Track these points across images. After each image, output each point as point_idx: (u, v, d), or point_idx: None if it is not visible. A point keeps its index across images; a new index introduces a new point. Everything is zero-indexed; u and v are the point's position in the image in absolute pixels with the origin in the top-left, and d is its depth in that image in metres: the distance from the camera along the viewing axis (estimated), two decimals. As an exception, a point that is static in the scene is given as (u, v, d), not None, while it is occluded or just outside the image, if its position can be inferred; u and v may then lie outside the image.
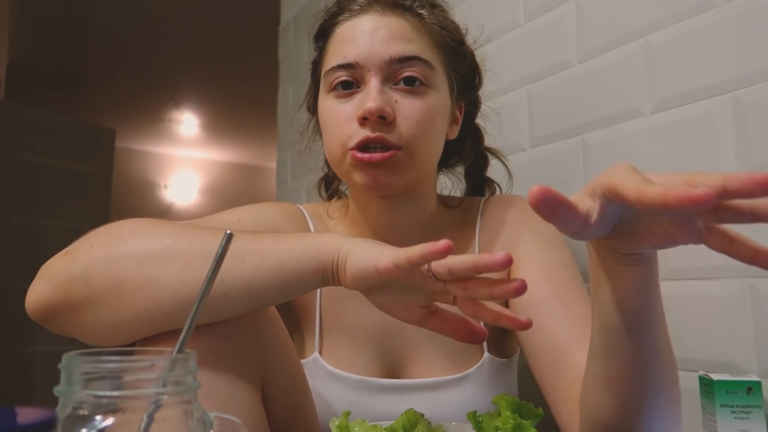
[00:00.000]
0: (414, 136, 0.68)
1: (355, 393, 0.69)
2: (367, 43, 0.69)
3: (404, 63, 0.68)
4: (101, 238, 0.53)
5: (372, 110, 0.65)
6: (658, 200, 0.35)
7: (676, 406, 0.53)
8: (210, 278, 0.38)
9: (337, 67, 0.70)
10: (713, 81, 0.75)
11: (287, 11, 2.02)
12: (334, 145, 0.70)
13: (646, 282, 0.46)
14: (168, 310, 0.50)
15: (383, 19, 0.70)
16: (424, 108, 0.69)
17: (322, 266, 0.53)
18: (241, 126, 4.74)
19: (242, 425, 0.37)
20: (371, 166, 0.67)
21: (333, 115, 0.70)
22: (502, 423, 0.53)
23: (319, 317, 0.74)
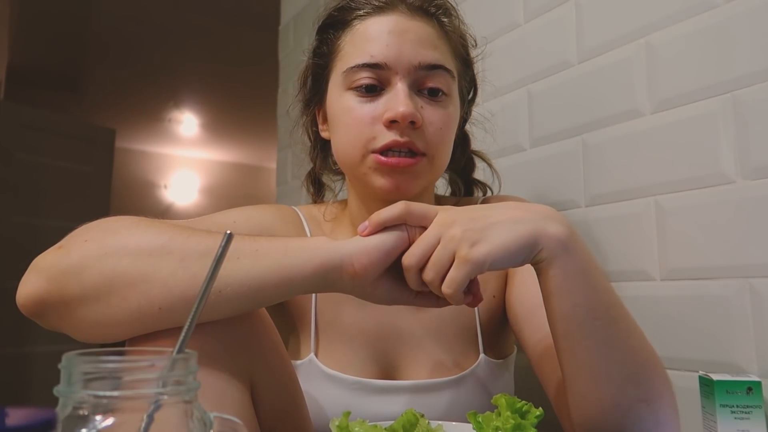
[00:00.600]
0: (437, 144, 0.69)
1: (351, 394, 0.69)
2: (397, 45, 0.67)
3: (430, 71, 0.68)
4: (96, 232, 0.52)
5: (406, 114, 0.65)
6: None
7: (651, 405, 0.54)
8: (210, 278, 0.38)
9: (363, 66, 0.68)
10: (713, 81, 0.75)
11: (287, 11, 2.02)
12: (354, 146, 0.69)
13: (557, 287, 0.53)
14: (160, 306, 0.50)
15: (412, 23, 0.69)
16: (446, 117, 0.70)
17: (321, 264, 0.53)
18: (241, 126, 4.74)
19: (242, 425, 0.37)
20: (395, 171, 0.67)
21: (354, 113, 0.68)
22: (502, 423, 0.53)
23: (314, 319, 0.73)
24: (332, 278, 0.53)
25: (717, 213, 0.73)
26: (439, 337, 0.73)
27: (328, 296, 0.74)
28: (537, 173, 1.00)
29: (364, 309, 0.73)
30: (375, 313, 0.73)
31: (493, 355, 0.74)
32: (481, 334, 0.74)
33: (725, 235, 0.72)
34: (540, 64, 1.00)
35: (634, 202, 0.83)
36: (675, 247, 0.78)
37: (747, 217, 0.70)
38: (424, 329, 0.73)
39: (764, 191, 0.69)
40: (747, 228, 0.70)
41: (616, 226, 0.85)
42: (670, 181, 0.79)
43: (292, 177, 1.86)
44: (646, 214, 0.81)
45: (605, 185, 0.88)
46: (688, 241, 0.76)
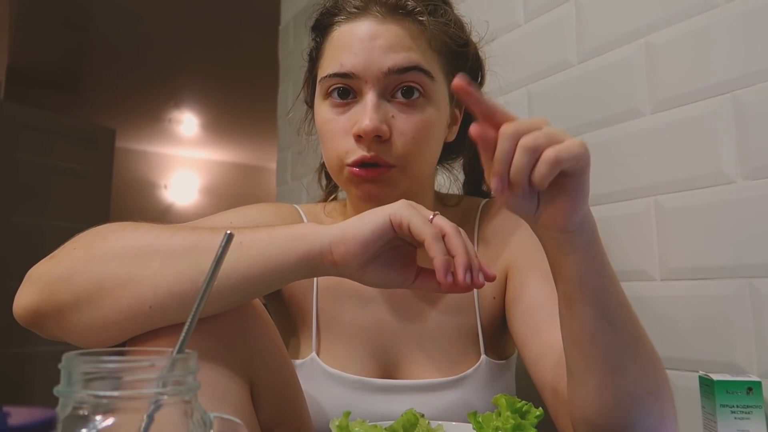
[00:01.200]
0: (409, 153, 0.68)
1: (352, 393, 0.69)
2: (365, 52, 0.67)
3: (403, 74, 0.67)
4: (84, 240, 0.54)
5: (367, 130, 0.65)
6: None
7: (658, 399, 0.54)
8: (210, 278, 0.38)
9: (333, 75, 0.68)
10: (713, 81, 0.75)
11: (287, 11, 2.02)
12: (332, 158, 0.70)
13: (584, 270, 0.52)
14: (150, 305, 0.50)
15: (382, 27, 0.68)
16: (420, 123, 0.68)
17: (306, 252, 0.53)
18: (241, 126, 4.74)
19: (242, 425, 0.37)
20: (366, 180, 0.68)
21: (329, 125, 0.70)
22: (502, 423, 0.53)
23: (315, 318, 0.74)
24: (316, 265, 0.54)
25: (717, 213, 0.73)
26: (441, 337, 0.73)
27: (329, 295, 0.74)
28: (537, 173, 1.00)
29: (365, 308, 0.73)
30: (376, 312, 0.73)
31: (494, 356, 0.74)
32: (482, 335, 0.74)
33: (725, 235, 0.72)
34: (540, 64, 1.00)
35: (634, 202, 0.83)
36: (675, 247, 0.78)
37: (747, 217, 0.70)
38: (425, 329, 0.73)
39: (764, 191, 0.69)
40: (747, 228, 0.70)
41: (616, 226, 0.85)
42: (670, 181, 0.79)
43: (292, 177, 1.86)
44: (646, 214, 0.81)
45: (605, 185, 0.88)
46: (688, 241, 0.76)
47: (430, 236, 0.51)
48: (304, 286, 0.75)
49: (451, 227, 0.53)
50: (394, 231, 0.53)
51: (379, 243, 0.53)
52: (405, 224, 0.52)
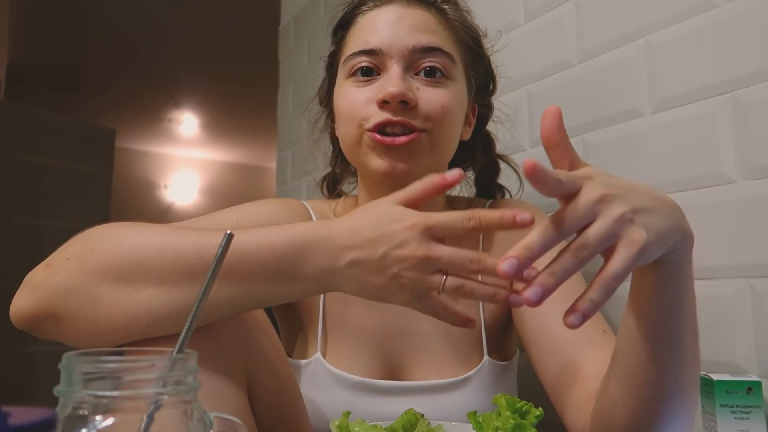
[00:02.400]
0: (438, 120, 0.68)
1: (356, 394, 0.69)
2: (391, 31, 0.69)
3: (427, 53, 0.69)
4: (77, 249, 0.52)
5: (394, 94, 0.65)
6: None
7: (691, 415, 0.54)
8: (210, 278, 0.38)
9: (359, 52, 0.70)
10: (713, 81, 0.75)
11: (287, 11, 2.02)
12: (350, 127, 0.69)
13: (662, 290, 0.48)
14: (147, 324, 0.50)
15: (408, 11, 0.71)
16: (446, 95, 0.69)
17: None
18: (241, 126, 4.74)
19: (242, 425, 0.37)
20: (392, 150, 0.66)
21: (350, 97, 0.70)
22: (502, 423, 0.53)
23: (322, 318, 0.74)
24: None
25: (717, 213, 0.73)
26: (445, 338, 0.73)
27: (335, 296, 0.74)
28: (537, 173, 1.00)
29: (371, 309, 0.73)
30: (382, 314, 0.73)
31: (496, 357, 0.74)
32: (485, 336, 0.74)
33: (725, 235, 0.72)
34: (540, 64, 1.00)
35: (634, 202, 0.83)
36: (675, 247, 0.78)
37: (747, 217, 0.70)
38: (429, 331, 0.73)
39: (764, 191, 0.69)
40: (747, 228, 0.70)
41: (616, 226, 0.85)
42: (670, 181, 0.79)
43: (292, 177, 1.86)
44: (646, 214, 0.81)
45: (605, 185, 0.87)
46: (688, 241, 0.76)
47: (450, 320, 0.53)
48: None
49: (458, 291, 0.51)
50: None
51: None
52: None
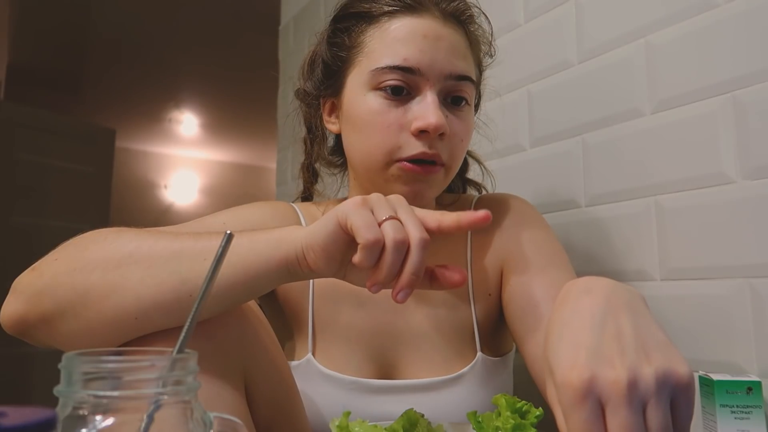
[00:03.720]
0: (457, 156, 0.70)
1: (349, 394, 0.69)
2: (432, 51, 0.66)
3: (459, 81, 0.68)
4: (65, 251, 0.53)
5: (438, 126, 0.64)
6: None
7: None
8: (210, 278, 0.38)
9: (395, 68, 0.66)
10: (713, 81, 0.75)
11: (287, 11, 2.02)
12: (377, 152, 0.67)
13: None
14: (135, 316, 0.50)
15: (445, 30, 0.68)
16: (467, 128, 0.71)
17: (284, 257, 0.52)
18: (241, 126, 4.74)
19: (242, 425, 0.37)
20: (417, 179, 0.67)
21: (380, 117, 0.66)
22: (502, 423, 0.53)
23: (311, 319, 0.73)
24: (295, 270, 0.53)
25: (717, 213, 0.73)
26: (437, 336, 0.73)
27: (325, 296, 0.74)
28: (537, 173, 1.00)
29: (361, 309, 0.73)
30: (373, 313, 0.73)
31: (490, 353, 0.74)
32: (477, 332, 0.74)
33: (725, 235, 0.72)
34: (540, 64, 1.00)
35: (634, 202, 0.83)
36: (675, 247, 0.78)
37: (747, 217, 0.70)
38: (421, 328, 0.73)
39: (764, 191, 0.69)
40: (747, 228, 0.70)
41: (616, 226, 0.85)
42: (670, 181, 0.79)
43: (292, 177, 1.86)
44: (646, 214, 0.81)
45: (605, 185, 0.88)
46: (688, 241, 0.76)
47: (364, 242, 0.47)
48: (300, 288, 0.74)
49: (393, 239, 0.47)
50: (346, 233, 0.49)
51: (338, 246, 0.50)
52: (349, 225, 0.48)
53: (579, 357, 0.37)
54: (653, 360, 0.37)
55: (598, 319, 0.40)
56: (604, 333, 0.39)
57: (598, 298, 0.42)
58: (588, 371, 0.36)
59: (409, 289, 0.48)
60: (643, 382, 0.36)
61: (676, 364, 0.37)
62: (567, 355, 0.38)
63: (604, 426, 0.35)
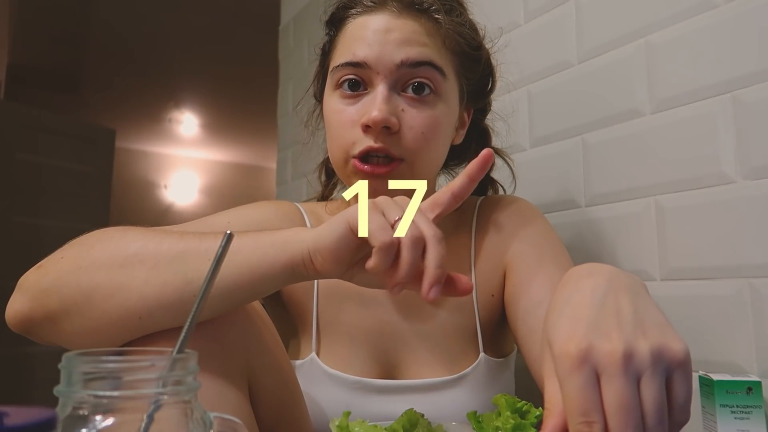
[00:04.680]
0: (418, 148, 0.67)
1: (352, 394, 0.69)
2: (378, 44, 0.67)
3: (415, 68, 0.67)
4: (71, 249, 0.53)
5: (377, 120, 0.64)
6: None
7: None
8: (210, 278, 0.38)
9: (345, 64, 0.68)
10: (713, 81, 0.75)
11: (287, 11, 2.02)
12: (337, 150, 0.69)
13: None
14: (140, 315, 0.50)
15: (397, 21, 0.68)
16: (430, 119, 0.68)
17: (290, 259, 0.52)
18: (241, 126, 4.74)
19: (242, 425, 0.37)
20: (372, 176, 0.67)
21: (337, 116, 0.69)
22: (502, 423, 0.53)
23: (316, 318, 0.73)
24: (300, 272, 0.53)
25: (717, 213, 0.73)
26: (440, 336, 0.73)
27: (329, 296, 0.74)
28: (537, 173, 1.00)
29: (365, 308, 0.73)
30: (376, 313, 0.73)
31: (493, 354, 0.74)
32: (480, 333, 0.74)
33: (725, 235, 0.72)
34: (540, 64, 1.00)
35: (634, 202, 0.83)
36: (675, 247, 0.78)
37: (747, 217, 0.70)
38: (425, 329, 0.73)
39: (764, 191, 0.69)
40: (747, 228, 0.70)
41: (616, 226, 0.85)
42: (670, 181, 0.79)
43: (292, 177, 1.86)
44: (646, 214, 0.81)
45: (605, 185, 0.88)
46: (688, 241, 0.76)
47: (380, 245, 0.47)
48: (305, 288, 0.74)
49: (410, 237, 0.47)
50: (357, 236, 0.49)
51: (348, 249, 0.50)
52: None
53: (577, 329, 0.38)
54: (649, 336, 0.38)
55: (598, 297, 0.41)
56: (604, 309, 0.40)
57: (600, 279, 0.43)
58: (585, 341, 0.37)
59: (439, 285, 0.47)
60: (639, 355, 0.36)
61: (671, 341, 0.38)
62: (565, 328, 0.39)
63: (599, 394, 0.36)
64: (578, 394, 0.35)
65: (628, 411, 0.35)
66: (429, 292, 0.47)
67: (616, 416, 0.35)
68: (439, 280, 0.47)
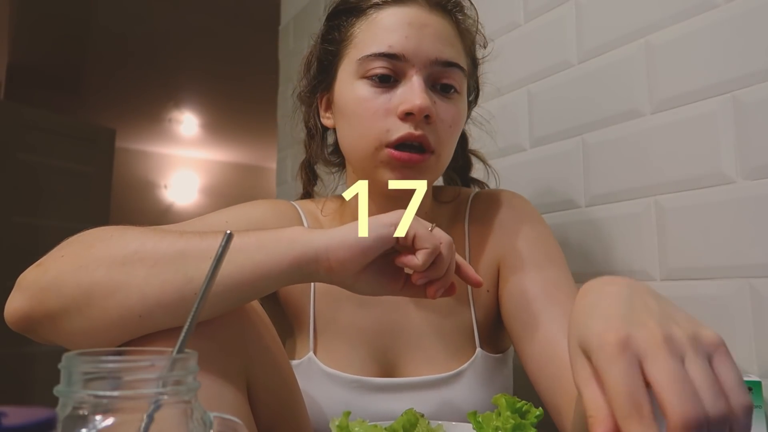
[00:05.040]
0: (446, 142, 0.69)
1: (351, 393, 0.69)
2: (416, 37, 0.67)
3: (446, 68, 0.68)
4: (71, 247, 0.53)
5: (422, 107, 0.65)
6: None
7: None
8: (210, 278, 0.38)
9: (380, 55, 0.67)
10: (713, 81, 0.75)
11: (287, 11, 2.02)
12: (367, 137, 0.67)
13: None
14: (139, 314, 0.50)
15: (431, 17, 0.69)
16: (457, 114, 0.70)
17: (298, 257, 0.52)
18: (241, 126, 4.74)
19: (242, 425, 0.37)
20: (405, 166, 0.67)
21: (368, 103, 0.67)
22: (502, 423, 0.53)
23: (313, 318, 0.73)
24: (309, 271, 0.53)
25: (717, 213, 0.73)
26: (437, 333, 0.73)
27: (326, 295, 0.74)
28: (537, 173, 1.00)
29: (362, 307, 0.73)
30: (373, 312, 0.73)
31: (490, 350, 0.74)
32: (477, 329, 0.74)
33: (725, 235, 0.72)
34: (540, 64, 1.00)
35: (634, 202, 0.83)
36: (675, 247, 0.78)
37: (747, 217, 0.70)
38: (421, 326, 0.73)
39: (764, 191, 0.69)
40: (747, 228, 0.70)
41: (616, 226, 0.85)
42: (670, 181, 0.79)
43: (292, 177, 1.86)
44: (646, 214, 0.81)
45: (605, 185, 0.88)
46: (688, 241, 0.76)
47: (432, 248, 0.53)
48: (302, 288, 0.74)
49: (447, 241, 0.55)
50: (396, 241, 0.54)
51: (379, 250, 0.54)
52: (411, 235, 0.53)
53: (613, 323, 0.37)
54: (682, 325, 0.37)
55: (625, 297, 0.40)
56: (634, 306, 0.39)
57: (621, 285, 0.43)
58: (624, 330, 0.36)
59: (445, 287, 0.57)
60: (677, 338, 0.35)
61: (704, 329, 0.37)
62: (600, 324, 0.37)
63: (643, 380, 0.34)
64: (623, 380, 0.34)
65: (682, 381, 0.33)
66: (436, 292, 0.56)
67: (670, 389, 0.32)
68: (449, 282, 0.57)
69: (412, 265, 0.54)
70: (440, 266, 0.55)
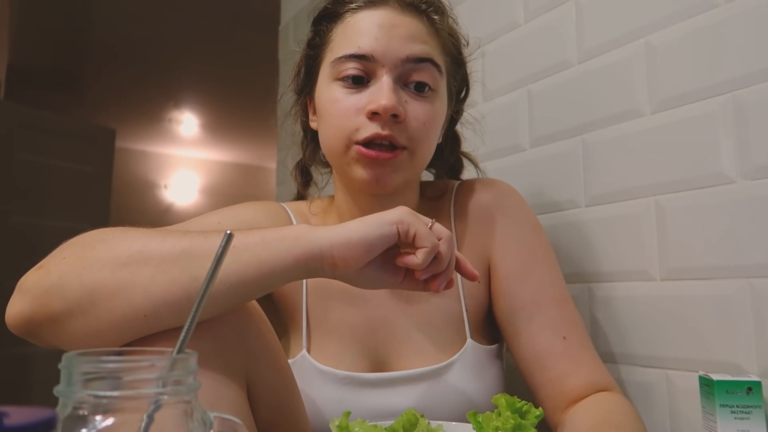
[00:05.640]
0: (419, 138, 0.70)
1: (344, 389, 0.69)
2: (385, 38, 0.69)
3: (418, 64, 0.69)
4: (73, 249, 0.53)
5: (387, 107, 0.66)
6: None
7: None
8: (210, 278, 0.38)
9: (351, 56, 0.69)
10: (713, 81, 0.75)
11: (287, 11, 2.02)
12: (338, 136, 0.70)
13: None
14: (145, 314, 0.50)
15: (402, 18, 0.70)
16: (431, 112, 0.71)
17: (304, 254, 0.53)
18: (241, 126, 4.74)
19: (242, 425, 0.37)
20: (375, 163, 0.68)
21: (339, 104, 0.70)
22: (502, 423, 0.53)
23: (305, 316, 0.74)
24: (313, 267, 0.54)
25: (717, 213, 0.73)
26: (428, 327, 0.74)
27: (318, 293, 0.74)
28: (537, 173, 1.00)
29: (354, 304, 0.74)
30: (365, 308, 0.74)
31: (481, 341, 0.75)
32: (467, 319, 0.74)
33: (725, 235, 0.72)
34: (540, 64, 1.00)
35: (634, 202, 0.83)
36: (675, 247, 0.78)
37: (747, 217, 0.70)
38: (412, 321, 0.74)
39: (764, 191, 0.69)
40: (747, 228, 0.70)
41: (616, 226, 0.85)
42: (670, 181, 0.79)
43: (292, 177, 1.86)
44: (646, 214, 0.81)
45: (605, 185, 0.88)
46: (688, 241, 0.76)
47: (431, 247, 0.54)
48: (294, 286, 0.75)
49: (447, 237, 0.56)
50: (398, 237, 0.55)
51: (383, 248, 0.55)
52: (411, 233, 0.54)
53: None
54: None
55: None
56: None
57: None
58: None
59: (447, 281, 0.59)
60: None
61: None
62: None
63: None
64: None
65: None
66: (439, 287, 0.57)
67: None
68: (450, 276, 0.58)
69: (412, 265, 0.55)
70: (441, 262, 0.56)
